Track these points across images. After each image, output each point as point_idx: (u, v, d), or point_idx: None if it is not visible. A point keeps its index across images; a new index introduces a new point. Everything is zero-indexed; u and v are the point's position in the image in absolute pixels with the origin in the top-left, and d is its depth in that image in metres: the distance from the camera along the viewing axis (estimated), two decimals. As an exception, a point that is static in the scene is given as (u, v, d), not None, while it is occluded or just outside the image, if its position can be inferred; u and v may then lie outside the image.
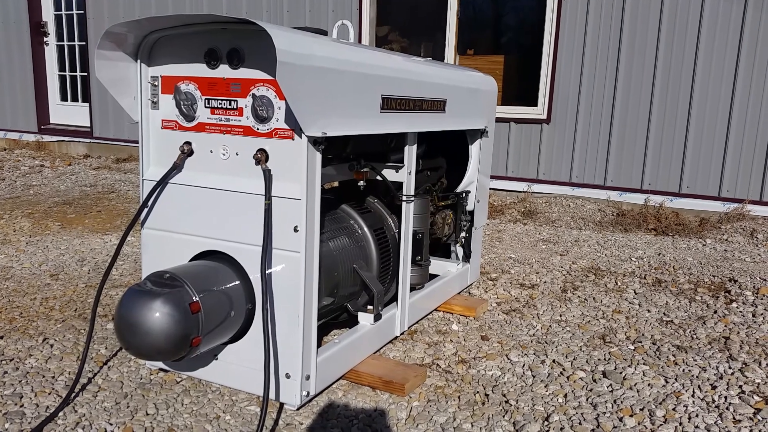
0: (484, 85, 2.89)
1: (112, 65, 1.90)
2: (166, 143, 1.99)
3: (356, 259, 2.23)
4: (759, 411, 1.96)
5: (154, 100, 1.99)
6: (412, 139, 2.32)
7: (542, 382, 2.15)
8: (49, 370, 2.11)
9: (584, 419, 1.91)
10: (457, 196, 2.93)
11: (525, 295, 3.04)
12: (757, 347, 2.45)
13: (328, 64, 1.76)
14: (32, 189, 5.38)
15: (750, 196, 4.59)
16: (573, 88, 5.02)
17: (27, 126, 7.65)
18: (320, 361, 1.92)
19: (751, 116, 4.53)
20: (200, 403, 1.93)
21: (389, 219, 2.45)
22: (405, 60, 2.28)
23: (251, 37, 1.78)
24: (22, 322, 2.52)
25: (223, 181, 1.90)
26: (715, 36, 4.55)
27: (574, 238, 4.25)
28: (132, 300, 1.69)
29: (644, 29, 4.73)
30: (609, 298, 3.02)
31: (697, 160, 4.71)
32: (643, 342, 2.50)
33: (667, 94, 4.73)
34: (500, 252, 3.83)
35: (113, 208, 4.75)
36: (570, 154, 5.10)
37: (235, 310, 1.85)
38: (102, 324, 2.51)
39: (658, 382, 2.15)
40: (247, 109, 1.83)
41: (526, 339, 2.52)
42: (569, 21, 4.95)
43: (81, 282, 3.02)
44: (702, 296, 3.06)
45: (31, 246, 3.62)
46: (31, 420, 1.81)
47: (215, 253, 1.94)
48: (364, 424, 1.86)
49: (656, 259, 3.73)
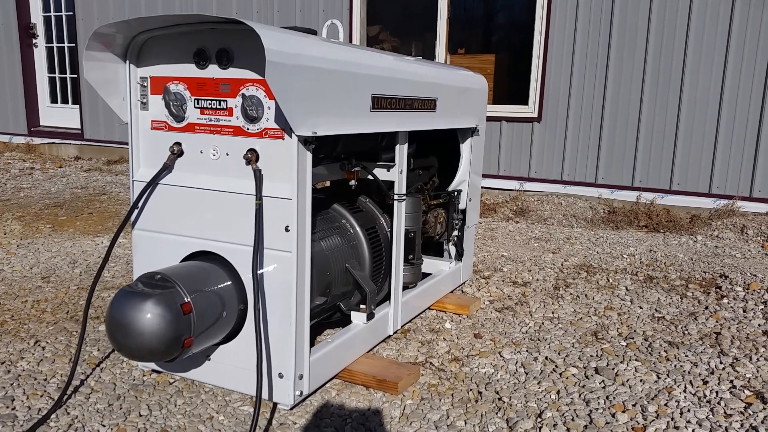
0: (474, 84, 2.89)
1: (100, 66, 1.90)
2: (155, 144, 1.99)
3: (348, 259, 2.23)
4: (750, 405, 1.97)
5: (144, 100, 1.98)
6: (403, 138, 2.32)
7: (535, 379, 2.16)
8: (41, 373, 2.10)
9: (577, 415, 1.92)
10: (449, 195, 2.93)
11: (517, 293, 3.05)
12: (747, 342, 2.47)
13: (317, 63, 1.76)
14: (23, 191, 5.35)
15: (740, 193, 4.62)
16: (563, 87, 5.04)
17: (17, 128, 7.61)
18: (313, 360, 1.92)
19: (740, 113, 4.56)
20: (193, 404, 1.92)
21: (381, 218, 2.45)
22: (395, 59, 2.28)
23: (240, 37, 1.78)
24: (13, 324, 2.50)
25: (213, 182, 1.89)
26: (704, 33, 4.57)
27: (566, 235, 4.26)
28: (123, 301, 1.69)
29: (634, 28, 4.75)
30: (601, 295, 3.03)
31: (687, 157, 4.74)
32: (635, 338, 2.51)
33: (657, 91, 4.76)
34: (493, 250, 3.84)
35: (104, 210, 4.73)
36: (561, 152, 5.12)
37: (227, 310, 1.84)
38: (94, 326, 2.50)
39: (650, 378, 2.16)
40: (236, 109, 1.83)
41: (518, 336, 2.53)
42: (559, 20, 4.97)
43: (72, 284, 3.01)
44: (693, 292, 3.08)
45: (22, 249, 3.60)
46: (23, 423, 1.80)
47: (207, 254, 1.94)
48: (357, 422, 1.86)
49: (648, 255, 3.75)
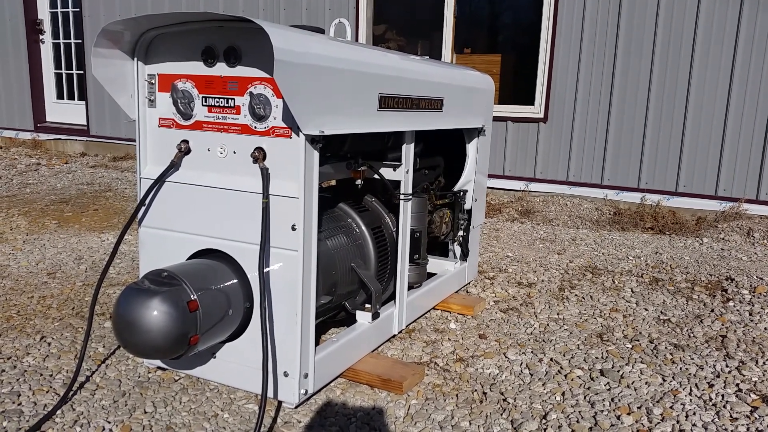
0: (481, 84, 2.89)
1: (109, 63, 1.90)
2: (163, 141, 1.99)
3: (354, 258, 2.23)
4: (756, 409, 1.97)
5: (151, 98, 1.98)
6: (410, 137, 2.32)
7: (540, 380, 2.16)
8: (47, 369, 2.11)
9: (582, 417, 1.92)
10: (455, 195, 2.93)
11: (523, 294, 3.04)
12: (753, 345, 2.46)
13: (325, 62, 1.76)
14: (29, 187, 5.37)
15: (746, 195, 4.60)
16: (570, 87, 5.02)
17: (23, 124, 7.63)
18: (318, 359, 1.92)
19: (747, 115, 4.54)
20: (198, 402, 1.93)
21: (387, 218, 2.45)
22: (402, 59, 2.28)
23: (248, 36, 1.78)
24: (19, 320, 2.51)
25: (220, 180, 1.89)
26: (712, 33, 4.55)
27: (572, 236, 4.25)
28: (130, 298, 1.69)
29: (641, 28, 4.74)
30: (606, 297, 3.03)
31: (693, 158, 4.72)
32: (640, 340, 2.51)
33: (664, 92, 4.74)
34: (498, 251, 3.84)
35: (110, 206, 4.74)
36: (567, 153, 5.11)
37: (233, 308, 1.84)
38: (100, 322, 2.50)
39: (656, 381, 2.16)
40: (244, 107, 1.83)
41: (523, 337, 2.53)
42: (566, 19, 4.96)
43: (78, 280, 3.02)
44: (699, 295, 3.07)
45: (28, 244, 3.61)
46: (29, 418, 1.81)
47: (213, 252, 1.94)
48: (362, 422, 1.86)
49: (653, 257, 3.74)
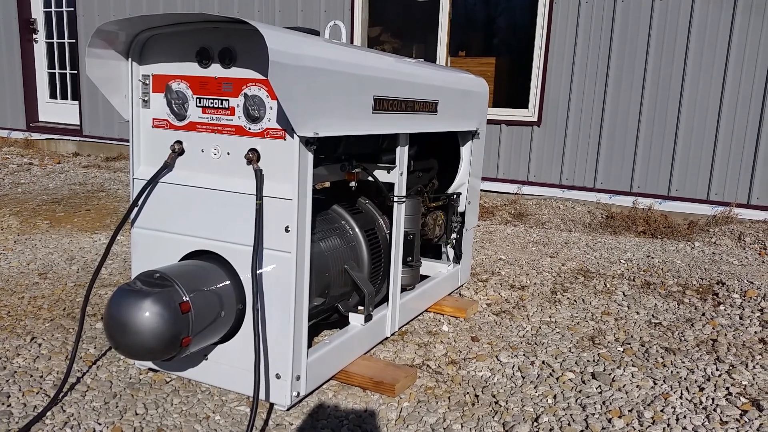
0: (475, 87, 2.89)
1: (103, 63, 1.89)
2: (156, 142, 1.98)
3: (347, 260, 2.23)
4: (746, 412, 1.98)
5: (145, 98, 1.98)
6: (404, 140, 2.32)
7: (532, 383, 2.16)
8: (37, 370, 2.10)
9: (573, 420, 1.92)
10: (449, 198, 2.93)
11: (515, 297, 3.05)
12: (744, 349, 2.48)
13: (320, 64, 1.76)
14: (20, 187, 5.34)
15: (738, 200, 4.63)
16: (563, 91, 5.05)
17: (15, 123, 7.59)
18: (311, 361, 1.92)
19: (739, 120, 4.57)
20: (190, 403, 1.92)
21: (380, 220, 2.45)
22: (397, 61, 2.28)
23: (243, 37, 1.78)
24: (9, 321, 2.50)
25: (214, 181, 1.89)
26: (705, 40, 4.58)
27: (564, 240, 4.27)
28: (122, 299, 1.68)
29: (635, 33, 4.76)
30: (598, 300, 3.04)
31: (685, 163, 4.75)
32: (631, 344, 2.52)
33: (657, 97, 4.77)
34: (491, 253, 3.84)
35: (102, 206, 4.72)
36: (560, 156, 5.13)
37: (225, 310, 1.84)
38: (91, 323, 2.49)
39: (647, 384, 2.17)
40: (238, 108, 1.83)
41: (515, 340, 2.53)
42: (560, 24, 4.98)
43: (70, 281, 3.00)
44: (690, 299, 3.08)
45: (19, 244, 3.59)
46: (18, 420, 1.80)
47: (206, 253, 1.93)
48: (354, 424, 1.86)
49: (645, 261, 3.76)
